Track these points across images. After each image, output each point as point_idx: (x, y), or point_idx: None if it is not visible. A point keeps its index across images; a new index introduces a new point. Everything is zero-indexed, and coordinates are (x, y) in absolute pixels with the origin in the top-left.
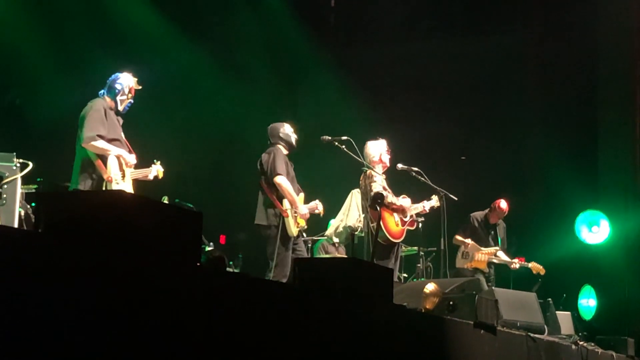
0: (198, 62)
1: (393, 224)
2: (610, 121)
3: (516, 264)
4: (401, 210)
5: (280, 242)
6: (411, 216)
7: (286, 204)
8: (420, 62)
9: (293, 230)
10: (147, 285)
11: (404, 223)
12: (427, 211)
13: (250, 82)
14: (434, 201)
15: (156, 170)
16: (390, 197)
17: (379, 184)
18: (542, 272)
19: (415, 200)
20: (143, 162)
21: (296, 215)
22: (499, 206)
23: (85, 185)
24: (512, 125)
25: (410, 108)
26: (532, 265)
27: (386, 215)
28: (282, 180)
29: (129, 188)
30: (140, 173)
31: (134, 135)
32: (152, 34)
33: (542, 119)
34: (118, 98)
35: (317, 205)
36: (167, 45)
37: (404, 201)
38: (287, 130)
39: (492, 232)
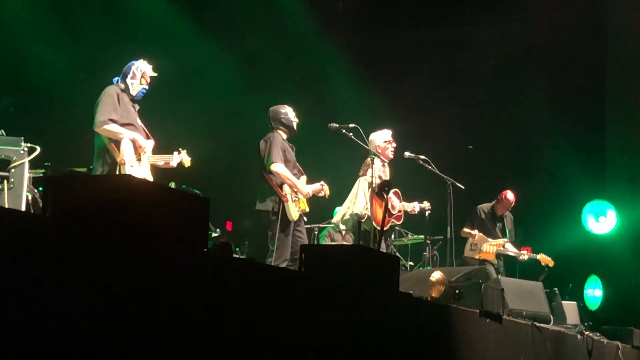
0: (207, 51)
1: (379, 212)
2: (618, 111)
3: (524, 255)
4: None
5: (280, 227)
6: (399, 211)
7: (286, 188)
8: (428, 50)
9: (294, 214)
10: (155, 271)
11: (390, 214)
12: (416, 212)
13: (259, 70)
14: (426, 205)
15: (180, 158)
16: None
17: (375, 171)
18: (551, 264)
19: (420, 189)
20: (160, 150)
21: (296, 199)
22: (505, 197)
23: (103, 171)
24: (519, 115)
25: (417, 96)
26: (541, 257)
27: (375, 202)
28: (278, 167)
29: (146, 172)
30: (161, 159)
31: (145, 123)
32: (162, 23)
33: (550, 108)
34: (128, 81)
35: (322, 187)
36: (177, 34)
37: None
38: (289, 114)
39: (499, 224)
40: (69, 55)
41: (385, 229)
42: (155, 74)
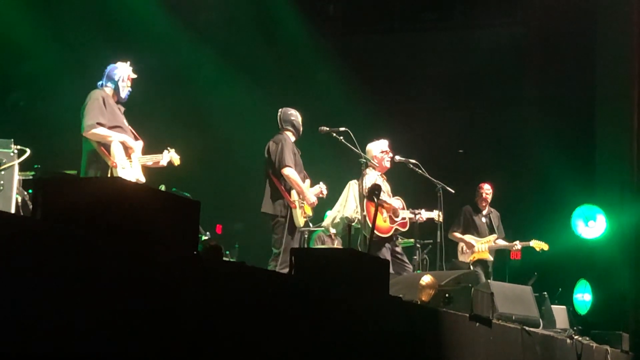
0: (196, 52)
1: (380, 220)
2: (608, 116)
3: (517, 244)
4: (392, 209)
5: (287, 232)
6: (403, 218)
7: (294, 194)
8: (418, 53)
9: (300, 220)
10: (144, 273)
11: (393, 221)
12: (424, 220)
13: (248, 72)
14: (435, 215)
15: (169, 157)
16: (383, 196)
17: (370, 180)
18: (546, 247)
19: (410, 193)
20: (149, 152)
21: (303, 205)
22: (481, 187)
23: (94, 175)
24: (509, 119)
25: (407, 100)
26: (534, 242)
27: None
28: (289, 172)
29: (138, 173)
30: (151, 159)
31: (133, 124)
32: (150, 23)
33: (539, 112)
34: (120, 84)
35: (322, 189)
36: (166, 35)
37: (395, 202)
38: (298, 117)
39: (486, 221)
40: (59, 57)
41: (388, 235)
42: (135, 76)
